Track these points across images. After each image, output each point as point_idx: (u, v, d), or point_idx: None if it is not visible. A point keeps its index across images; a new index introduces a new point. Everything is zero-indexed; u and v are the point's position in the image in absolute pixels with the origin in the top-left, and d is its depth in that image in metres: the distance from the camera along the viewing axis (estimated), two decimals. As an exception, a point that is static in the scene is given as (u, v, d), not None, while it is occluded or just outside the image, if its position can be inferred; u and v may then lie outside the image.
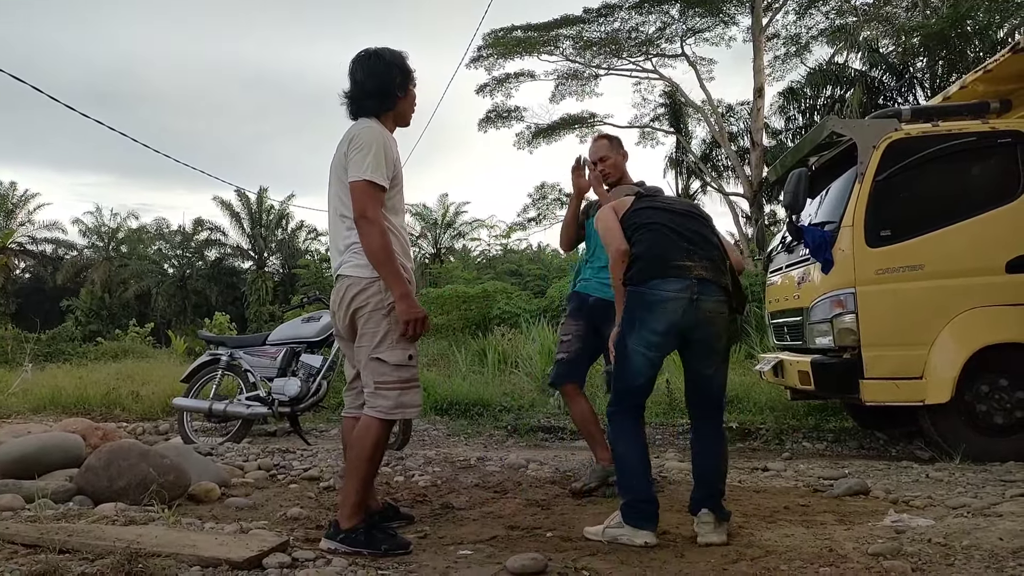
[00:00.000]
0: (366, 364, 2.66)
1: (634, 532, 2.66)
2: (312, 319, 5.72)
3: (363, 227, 2.61)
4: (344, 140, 2.74)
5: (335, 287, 2.76)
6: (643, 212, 2.93)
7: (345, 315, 2.70)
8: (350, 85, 2.81)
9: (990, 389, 4.50)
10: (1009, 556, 2.27)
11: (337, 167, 2.75)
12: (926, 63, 15.79)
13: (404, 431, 5.07)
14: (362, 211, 2.61)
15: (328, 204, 2.82)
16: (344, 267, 2.71)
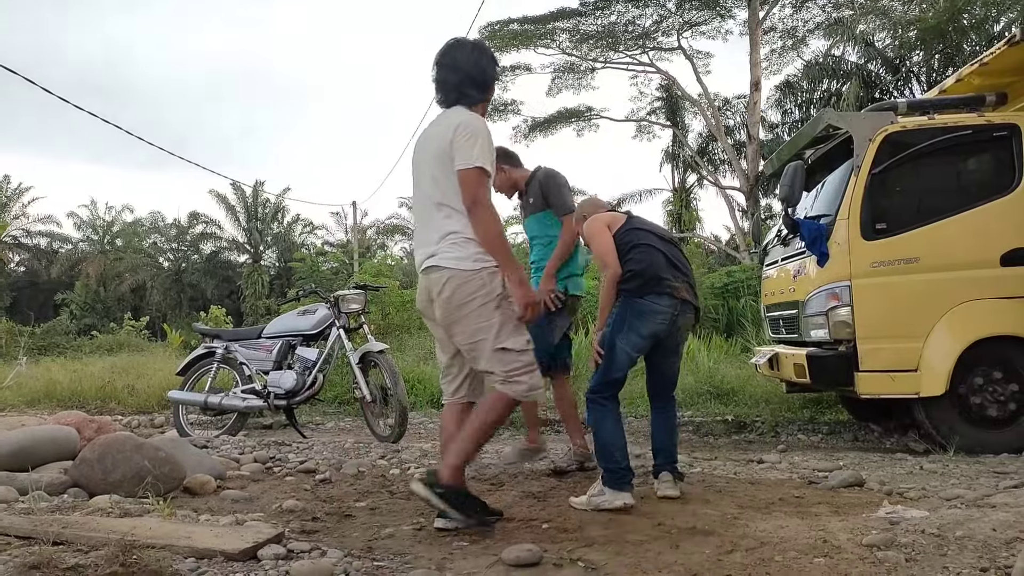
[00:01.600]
0: (490, 356, 2.65)
1: (615, 495, 3.06)
2: (308, 312, 5.71)
3: (478, 213, 2.63)
4: (446, 127, 2.70)
5: (429, 276, 2.72)
6: (636, 233, 3.37)
7: (446, 307, 2.67)
8: (449, 72, 2.79)
9: (984, 382, 4.51)
10: (1002, 547, 2.28)
11: (438, 154, 2.69)
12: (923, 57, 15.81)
13: (400, 423, 5.07)
14: (476, 198, 2.63)
15: (419, 190, 2.78)
16: (441, 258, 2.67)
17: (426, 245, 2.74)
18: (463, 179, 2.64)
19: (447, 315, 2.69)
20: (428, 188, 2.74)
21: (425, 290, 2.77)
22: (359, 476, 3.84)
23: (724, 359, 8.12)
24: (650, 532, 2.69)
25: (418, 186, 2.82)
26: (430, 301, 2.76)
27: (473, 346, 2.68)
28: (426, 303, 2.80)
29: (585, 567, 2.29)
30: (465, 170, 2.63)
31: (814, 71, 16.94)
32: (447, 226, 2.68)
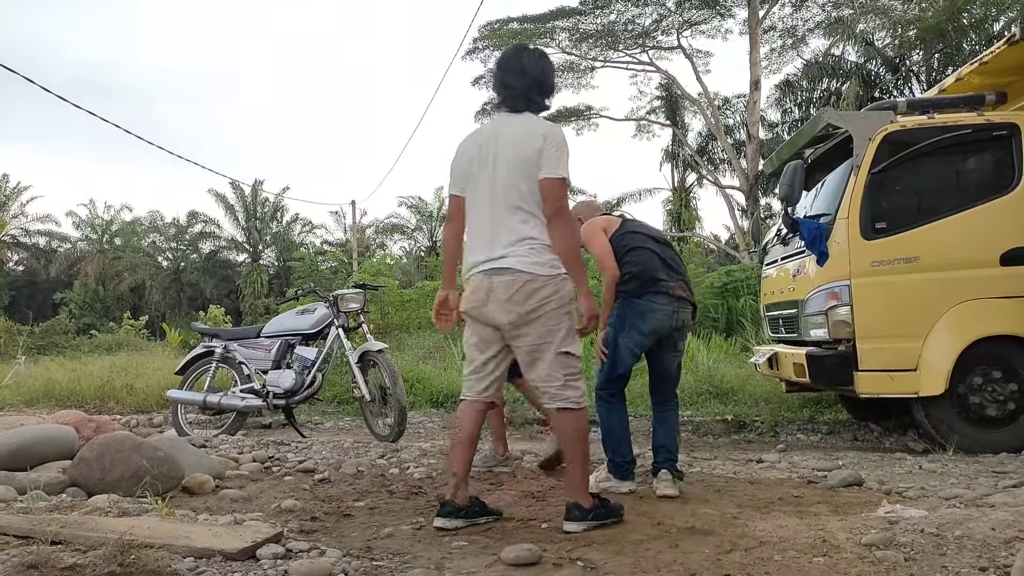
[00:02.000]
0: (553, 359, 2.70)
1: (620, 483, 3.38)
2: (307, 311, 5.70)
3: (561, 222, 2.70)
4: (531, 134, 2.73)
5: (498, 277, 2.70)
6: (631, 236, 3.56)
7: (517, 309, 2.68)
8: (516, 77, 2.82)
9: (984, 381, 4.51)
10: (1001, 546, 2.28)
11: (523, 159, 2.71)
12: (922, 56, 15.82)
13: (399, 423, 5.06)
14: (561, 207, 2.71)
15: (491, 191, 2.76)
16: (515, 261, 2.68)
17: (493, 246, 2.73)
18: (550, 187, 2.69)
19: (517, 317, 2.69)
20: (503, 190, 2.74)
21: (485, 290, 2.73)
22: (358, 476, 3.84)
23: (723, 358, 8.12)
24: (649, 531, 2.69)
25: (485, 185, 2.79)
26: (488, 301, 2.73)
27: (538, 348, 2.71)
28: (481, 302, 2.75)
29: (584, 566, 2.29)
30: (553, 179, 2.69)
31: (814, 70, 16.93)
32: (524, 231, 2.70)
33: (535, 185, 2.71)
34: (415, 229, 33.40)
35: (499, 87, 2.87)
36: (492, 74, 2.95)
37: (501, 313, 2.70)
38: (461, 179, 2.89)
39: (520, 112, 2.83)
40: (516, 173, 2.72)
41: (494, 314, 2.73)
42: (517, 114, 2.83)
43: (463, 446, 2.86)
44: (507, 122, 2.84)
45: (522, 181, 2.72)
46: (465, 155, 2.88)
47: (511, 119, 2.83)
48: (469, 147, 2.87)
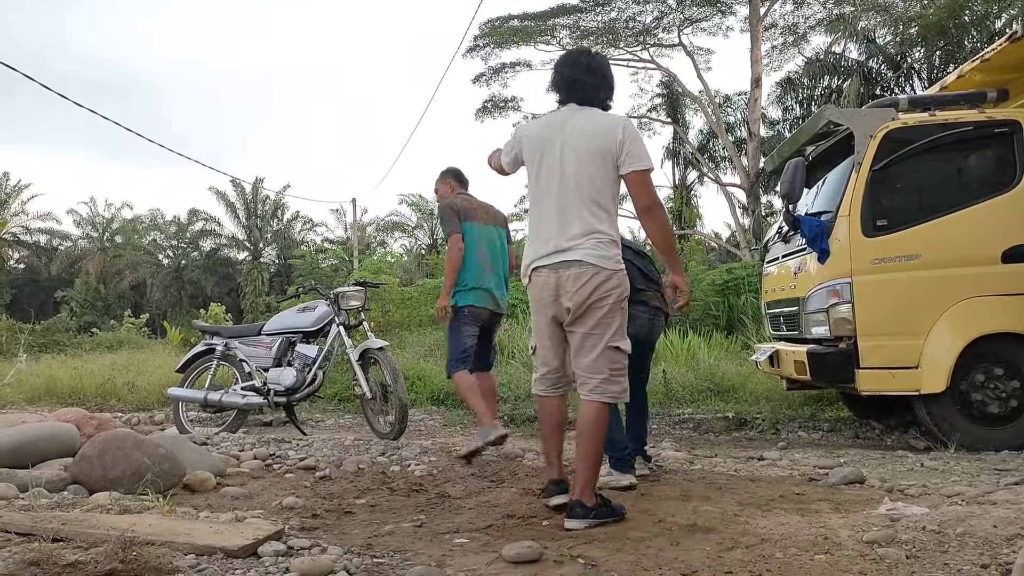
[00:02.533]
0: (602, 351, 2.76)
1: (621, 476, 3.48)
2: (308, 309, 5.69)
3: (657, 213, 2.82)
4: (608, 127, 2.77)
5: (566, 270, 2.74)
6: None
7: (583, 301, 2.73)
8: (587, 74, 2.89)
9: (985, 378, 4.51)
10: (1003, 543, 2.27)
11: (599, 152, 2.74)
12: (924, 53, 15.79)
13: (400, 420, 5.06)
14: (655, 198, 2.83)
15: (561, 182, 2.78)
16: (584, 254, 2.72)
17: (561, 237, 2.75)
18: (642, 180, 2.76)
19: (578, 305, 2.74)
20: (580, 183, 2.75)
21: (553, 286, 2.78)
22: (359, 473, 3.84)
23: (724, 356, 8.11)
24: (650, 529, 2.69)
25: (556, 175, 2.79)
26: (559, 295, 2.78)
27: (590, 336, 2.76)
28: (551, 294, 2.80)
29: (585, 564, 2.29)
30: (643, 171, 2.76)
31: (815, 68, 16.90)
32: (594, 224, 2.73)
33: (610, 178, 2.75)
34: (416, 227, 33.39)
35: (566, 84, 2.90)
36: (555, 73, 2.96)
37: (571, 302, 2.76)
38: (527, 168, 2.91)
39: (586, 106, 2.86)
40: (594, 166, 2.74)
41: (564, 303, 2.79)
42: (584, 108, 2.85)
43: (554, 433, 3.00)
44: (579, 115, 2.84)
45: (598, 175, 2.74)
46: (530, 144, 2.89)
47: (579, 112, 2.84)
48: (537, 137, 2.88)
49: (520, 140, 2.95)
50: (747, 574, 2.16)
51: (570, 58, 3.00)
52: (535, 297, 2.88)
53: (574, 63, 2.94)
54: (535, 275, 2.84)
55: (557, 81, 2.94)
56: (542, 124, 2.94)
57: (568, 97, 2.90)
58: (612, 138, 2.74)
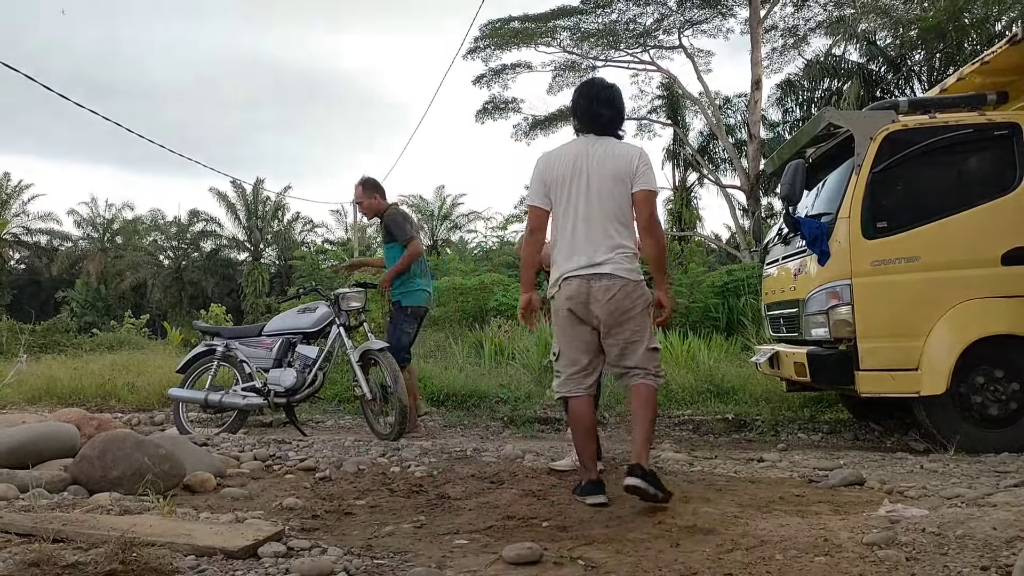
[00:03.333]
0: (644, 354, 3.09)
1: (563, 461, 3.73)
2: (308, 310, 5.69)
3: (655, 231, 3.14)
4: (626, 155, 3.13)
5: (597, 282, 3.03)
6: None
7: (614, 309, 3.03)
8: (607, 108, 3.21)
9: (985, 380, 4.51)
10: (1003, 545, 2.28)
11: (620, 175, 3.08)
12: (924, 55, 15.81)
13: (400, 423, 5.07)
14: (655, 217, 3.14)
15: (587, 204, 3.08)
16: (613, 267, 3.04)
17: (591, 252, 3.06)
18: (647, 199, 3.11)
19: (614, 316, 3.04)
20: (601, 203, 3.07)
21: (585, 292, 3.05)
22: (359, 474, 3.84)
23: (724, 358, 8.11)
24: (650, 531, 2.69)
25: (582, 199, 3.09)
26: (589, 302, 3.05)
27: (630, 343, 3.08)
28: (584, 302, 3.06)
29: (585, 565, 2.29)
30: (649, 191, 3.13)
31: (815, 70, 16.92)
32: (618, 240, 3.07)
33: (628, 198, 3.09)
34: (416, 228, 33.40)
35: (589, 116, 3.21)
36: (578, 101, 3.27)
37: (601, 311, 3.04)
38: (549, 192, 3.18)
39: (605, 136, 3.19)
40: (613, 188, 3.08)
41: (595, 311, 3.06)
42: (603, 138, 3.18)
43: (589, 434, 3.19)
44: (597, 144, 3.16)
45: (620, 195, 3.08)
46: (555, 171, 3.16)
47: (599, 142, 3.17)
48: (560, 164, 3.16)
49: (543, 175, 3.21)
50: (747, 575, 2.16)
51: (592, 91, 3.27)
52: (564, 301, 3.12)
53: (596, 97, 3.23)
54: (566, 283, 3.10)
55: (579, 112, 3.24)
56: (563, 154, 3.20)
57: (589, 127, 3.21)
58: (630, 162, 3.09)
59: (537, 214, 3.22)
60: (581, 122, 3.25)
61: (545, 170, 3.19)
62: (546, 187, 3.18)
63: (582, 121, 3.24)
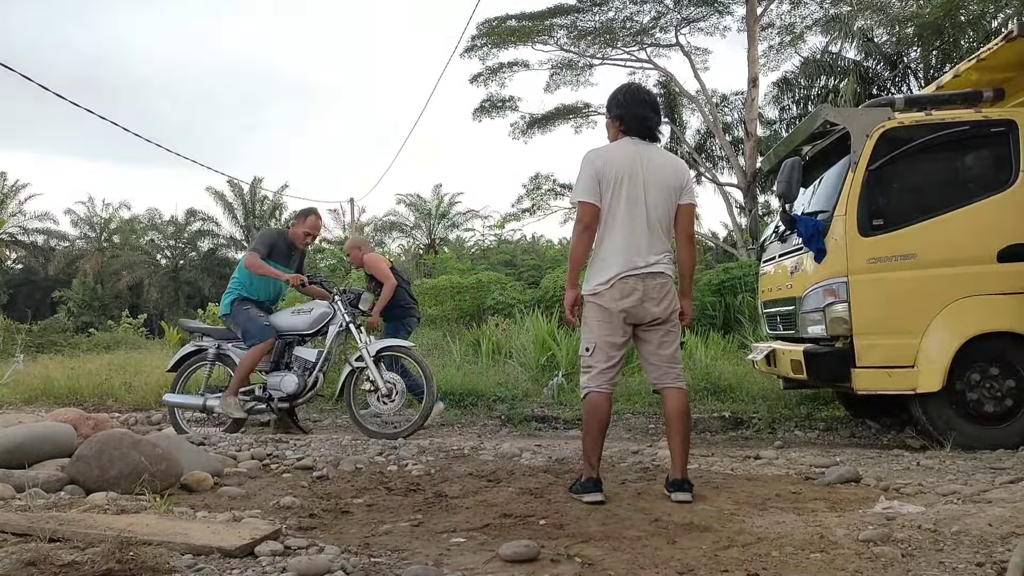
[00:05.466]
0: (676, 347, 3.32)
1: None
2: (302, 311, 5.62)
3: (693, 244, 3.41)
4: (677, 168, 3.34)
5: (653, 280, 3.22)
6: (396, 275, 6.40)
7: (667, 305, 3.25)
8: (654, 114, 3.38)
9: (981, 377, 4.52)
10: (998, 542, 2.28)
11: (673, 186, 3.27)
12: (920, 53, 15.80)
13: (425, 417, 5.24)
14: (693, 231, 3.43)
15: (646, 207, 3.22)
16: (664, 268, 3.25)
17: (647, 254, 3.22)
18: (692, 212, 3.37)
19: (665, 312, 3.26)
20: (654, 208, 3.24)
21: (640, 291, 3.21)
22: (357, 473, 3.84)
23: (721, 355, 8.12)
24: (647, 528, 2.69)
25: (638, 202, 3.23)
26: (645, 299, 3.22)
27: (669, 333, 3.30)
28: (639, 300, 3.22)
29: (582, 563, 2.29)
30: (695, 206, 3.39)
31: (812, 67, 16.89)
32: (665, 245, 3.28)
33: (674, 207, 3.28)
34: (414, 227, 33.36)
35: (637, 120, 3.33)
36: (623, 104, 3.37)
37: (654, 307, 3.23)
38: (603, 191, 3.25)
39: (650, 141, 3.34)
40: (666, 196, 3.26)
41: (649, 309, 3.23)
42: (652, 144, 3.34)
43: (603, 431, 3.30)
44: (649, 150, 3.31)
45: (670, 204, 3.28)
46: (612, 170, 3.24)
47: (651, 148, 3.33)
48: (616, 164, 3.25)
49: (598, 173, 3.26)
50: (743, 573, 2.17)
51: (639, 95, 3.42)
52: (618, 300, 3.21)
53: (644, 101, 3.38)
54: (621, 282, 3.21)
55: (626, 115, 3.34)
56: (615, 155, 3.29)
57: (636, 131, 3.33)
58: (682, 176, 3.33)
59: (591, 210, 3.26)
60: (627, 125, 3.34)
61: (601, 168, 3.25)
62: (600, 185, 3.24)
63: (628, 124, 3.33)
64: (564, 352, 8.13)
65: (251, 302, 5.62)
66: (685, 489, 3.16)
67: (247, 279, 5.62)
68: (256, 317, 5.52)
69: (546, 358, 8.22)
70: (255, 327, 5.46)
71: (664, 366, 3.29)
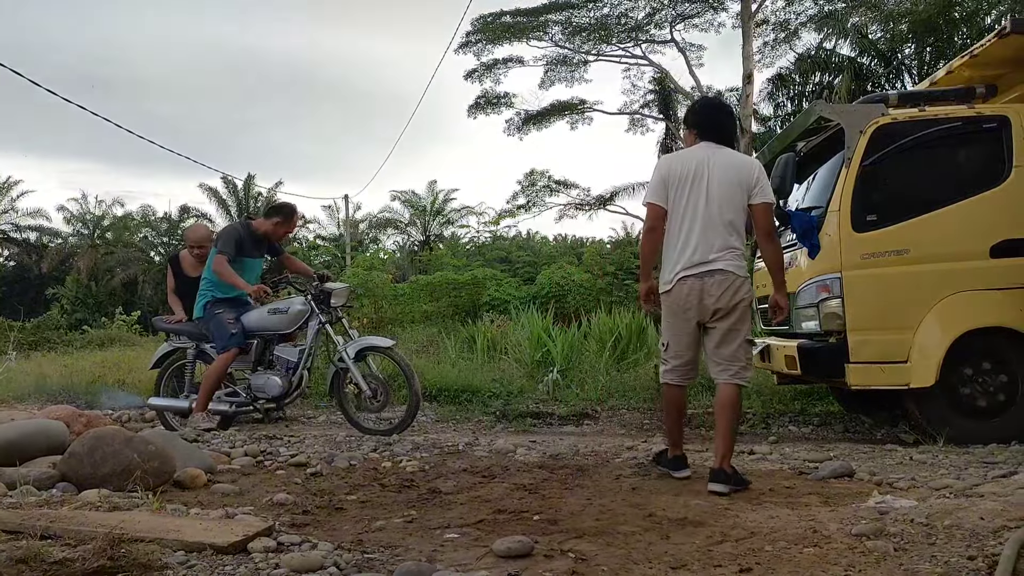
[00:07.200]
0: (740, 344, 3.35)
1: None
2: (278, 311, 5.46)
3: (775, 239, 3.45)
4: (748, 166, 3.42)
5: (711, 278, 3.30)
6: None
7: (727, 301, 3.30)
8: (730, 120, 3.63)
9: (974, 373, 4.54)
10: (990, 535, 2.29)
11: (741, 184, 3.34)
12: (914, 49, 15.84)
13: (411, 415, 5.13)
14: (774, 226, 3.48)
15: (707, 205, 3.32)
16: (725, 264, 3.30)
17: (705, 251, 3.30)
18: (768, 210, 3.41)
19: (724, 307, 3.30)
20: (719, 206, 3.31)
21: (699, 289, 3.31)
22: (350, 469, 3.83)
23: (716, 351, 8.12)
24: (641, 523, 2.70)
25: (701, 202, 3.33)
26: (703, 297, 3.31)
27: (732, 330, 3.33)
28: (698, 299, 3.32)
29: (575, 558, 2.29)
30: (770, 204, 3.42)
31: (806, 64, 16.90)
32: (730, 241, 3.32)
33: (743, 205, 3.35)
34: (408, 223, 33.32)
35: (715, 125, 3.50)
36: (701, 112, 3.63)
37: (713, 304, 3.31)
38: (667, 192, 3.40)
39: (722, 144, 3.45)
40: (732, 194, 3.33)
41: (708, 307, 3.32)
42: (721, 147, 3.43)
43: (681, 418, 3.60)
44: (718, 151, 3.41)
45: (737, 201, 3.34)
46: (678, 172, 3.39)
47: (719, 150, 3.42)
48: (683, 167, 3.39)
49: (665, 177, 3.42)
50: (736, 567, 2.17)
51: (716, 103, 3.95)
52: (679, 300, 3.37)
53: (720, 108, 3.72)
54: (680, 283, 3.36)
55: (703, 121, 3.53)
56: (686, 158, 3.44)
57: (711, 136, 3.46)
58: (750, 174, 3.36)
59: (656, 212, 3.42)
60: (703, 130, 3.49)
61: (668, 171, 3.41)
62: (666, 187, 3.39)
63: (704, 129, 3.49)
64: (559, 348, 8.13)
65: (225, 302, 5.45)
66: (720, 480, 3.18)
67: (217, 279, 5.46)
68: (225, 323, 5.33)
69: (541, 354, 8.21)
70: (222, 334, 5.31)
71: (723, 363, 3.37)
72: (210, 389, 5.32)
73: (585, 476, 3.64)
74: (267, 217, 5.79)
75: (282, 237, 5.83)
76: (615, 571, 2.17)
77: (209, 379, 5.33)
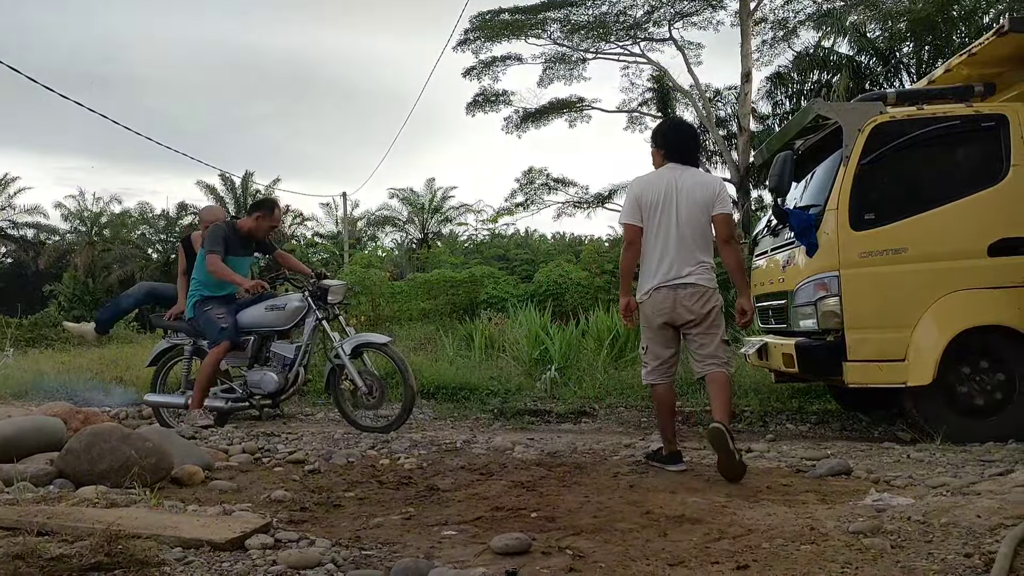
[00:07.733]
0: (717, 345, 3.68)
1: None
2: (276, 308, 5.45)
3: (734, 245, 3.74)
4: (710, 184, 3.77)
5: (684, 289, 3.66)
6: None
7: (700, 311, 3.65)
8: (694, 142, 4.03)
9: (971, 371, 4.54)
10: (986, 533, 2.30)
11: (705, 202, 3.69)
12: (912, 48, 15.85)
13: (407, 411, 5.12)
14: (733, 234, 3.77)
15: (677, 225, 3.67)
16: (699, 278, 3.66)
17: (681, 265, 3.66)
18: (726, 220, 3.74)
19: (697, 315, 3.65)
20: (687, 224, 3.67)
21: (672, 299, 3.67)
22: (348, 466, 3.83)
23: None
24: (638, 520, 2.70)
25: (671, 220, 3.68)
26: (676, 307, 3.66)
27: (707, 334, 3.68)
28: (671, 308, 3.67)
29: (573, 555, 2.29)
30: (727, 214, 3.76)
31: (804, 62, 16.91)
32: (701, 255, 3.68)
33: (708, 220, 3.70)
34: (407, 221, 33.30)
35: (680, 147, 3.84)
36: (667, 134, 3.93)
37: (687, 313, 3.67)
38: (642, 212, 3.73)
39: (688, 164, 3.80)
40: (698, 212, 3.68)
41: (681, 314, 3.67)
42: (687, 167, 3.78)
43: (671, 413, 3.84)
44: (685, 173, 3.76)
45: (702, 218, 3.69)
46: (649, 195, 3.73)
47: (686, 171, 3.77)
48: (653, 189, 3.74)
49: (638, 199, 3.76)
50: (733, 564, 2.17)
51: (683, 127, 4.25)
52: (655, 305, 3.71)
53: (687, 132, 4.07)
54: (656, 292, 3.70)
55: (670, 144, 3.86)
56: (656, 181, 3.77)
57: (676, 157, 3.81)
58: (713, 192, 3.73)
59: (633, 230, 3.77)
60: (670, 151, 3.83)
61: (640, 194, 3.76)
62: (640, 208, 3.74)
63: (671, 151, 3.83)
64: (557, 346, 8.13)
65: (214, 300, 5.45)
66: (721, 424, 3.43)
67: (206, 277, 5.44)
68: (215, 319, 5.32)
69: (539, 352, 8.22)
70: (212, 330, 5.30)
71: (705, 360, 3.70)
72: (205, 384, 5.31)
73: (583, 474, 3.64)
74: (249, 214, 5.77)
75: (267, 232, 5.78)
76: (612, 568, 2.17)
77: (203, 374, 5.32)
